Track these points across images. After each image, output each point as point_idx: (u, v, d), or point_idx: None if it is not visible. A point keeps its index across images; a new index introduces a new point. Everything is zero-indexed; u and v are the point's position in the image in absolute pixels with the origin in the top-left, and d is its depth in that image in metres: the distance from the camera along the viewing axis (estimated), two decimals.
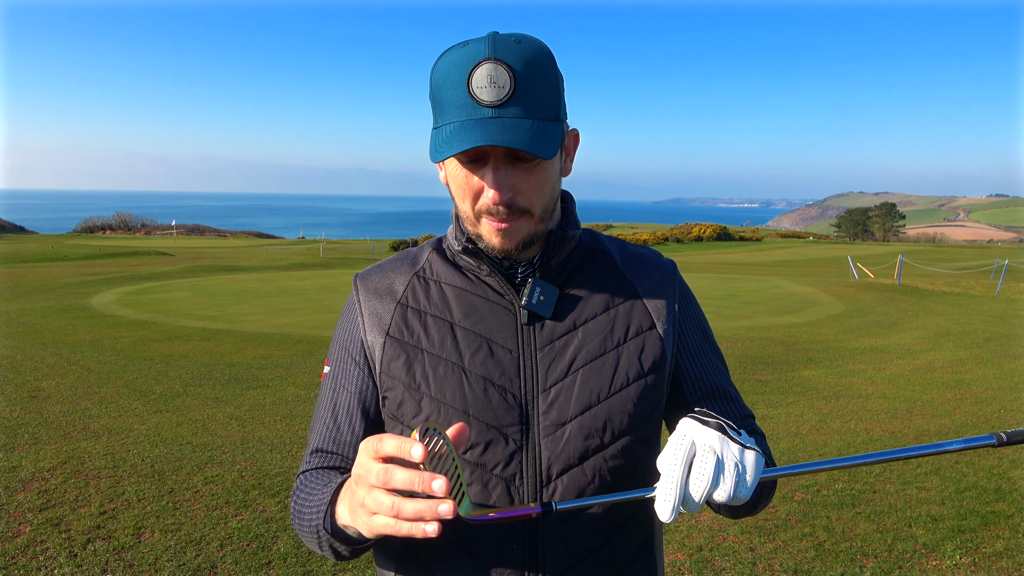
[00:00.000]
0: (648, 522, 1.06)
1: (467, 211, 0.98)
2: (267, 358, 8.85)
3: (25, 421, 5.76)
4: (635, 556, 1.03)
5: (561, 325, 1.03)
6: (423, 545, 1.00)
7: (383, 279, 1.10)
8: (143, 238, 51.28)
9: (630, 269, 1.10)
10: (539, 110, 0.91)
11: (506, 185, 0.93)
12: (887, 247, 50.85)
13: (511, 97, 0.89)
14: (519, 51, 0.90)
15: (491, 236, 0.98)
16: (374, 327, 1.05)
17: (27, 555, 3.38)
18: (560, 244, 1.04)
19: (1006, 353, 9.35)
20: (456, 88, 0.90)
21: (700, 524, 3.81)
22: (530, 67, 0.90)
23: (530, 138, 0.89)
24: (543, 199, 0.97)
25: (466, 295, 1.05)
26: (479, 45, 0.90)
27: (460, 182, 0.96)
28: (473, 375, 1.00)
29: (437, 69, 0.93)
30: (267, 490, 4.25)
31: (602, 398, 1.00)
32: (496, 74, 0.88)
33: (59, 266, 25.33)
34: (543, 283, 1.03)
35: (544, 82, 0.92)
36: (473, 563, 0.98)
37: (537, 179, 0.95)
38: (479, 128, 0.89)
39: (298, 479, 1.06)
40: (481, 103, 0.89)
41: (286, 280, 19.93)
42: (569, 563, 0.98)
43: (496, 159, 0.92)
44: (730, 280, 20.42)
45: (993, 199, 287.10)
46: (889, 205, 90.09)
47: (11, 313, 12.81)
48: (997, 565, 3.39)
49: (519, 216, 0.96)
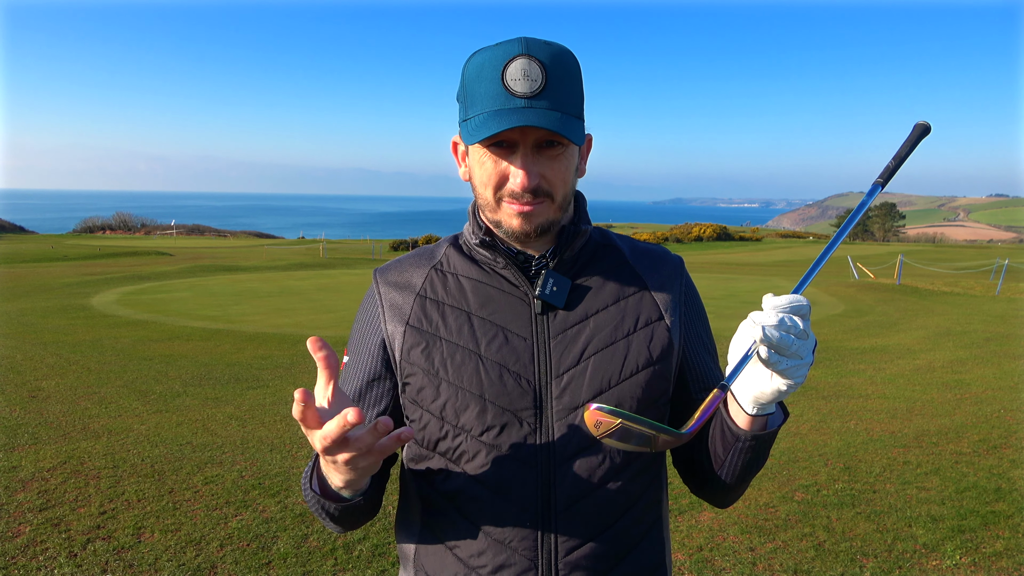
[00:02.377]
0: (657, 504, 1.10)
1: (488, 197, 1.03)
2: (267, 358, 8.85)
3: (25, 421, 5.76)
4: (644, 535, 1.07)
5: (573, 315, 1.07)
6: (443, 523, 1.06)
7: (402, 272, 1.15)
8: (143, 238, 51.29)
9: (639, 263, 1.15)
10: (566, 105, 0.98)
11: (533, 171, 0.99)
12: (887, 247, 50.85)
13: (543, 90, 0.96)
14: (550, 51, 0.97)
15: (511, 219, 1.03)
16: (394, 317, 1.10)
17: (27, 555, 3.38)
18: (572, 238, 1.09)
19: (1006, 353, 9.35)
20: (490, 81, 0.97)
21: (700, 524, 3.81)
22: (560, 65, 0.98)
23: (561, 125, 0.96)
24: (564, 186, 1.03)
25: (482, 286, 1.10)
26: (512, 44, 0.97)
27: (487, 168, 1.01)
28: (489, 361, 1.04)
29: (470, 65, 1.00)
30: (267, 490, 4.25)
31: (613, 384, 1.04)
32: (530, 68, 0.95)
33: (59, 266, 25.34)
34: (556, 275, 1.07)
35: (571, 80, 1.00)
36: (487, 539, 1.03)
37: (561, 167, 1.01)
38: (514, 115, 0.95)
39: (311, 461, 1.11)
40: (515, 94, 0.95)
41: (286, 280, 19.92)
42: (580, 540, 1.02)
43: (525, 146, 0.99)
44: (730, 280, 20.41)
45: (993, 199, 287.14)
46: (889, 205, 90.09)
47: (11, 313, 12.81)
48: (997, 565, 3.39)
49: (541, 200, 1.02)
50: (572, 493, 1.02)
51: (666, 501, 1.15)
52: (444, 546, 1.06)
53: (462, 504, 1.04)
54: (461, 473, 1.04)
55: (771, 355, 0.85)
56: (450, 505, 1.05)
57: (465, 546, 1.04)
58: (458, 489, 1.04)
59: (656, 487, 1.10)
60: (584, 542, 1.02)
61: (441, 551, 1.06)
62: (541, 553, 1.01)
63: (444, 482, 1.05)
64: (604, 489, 1.03)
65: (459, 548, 1.04)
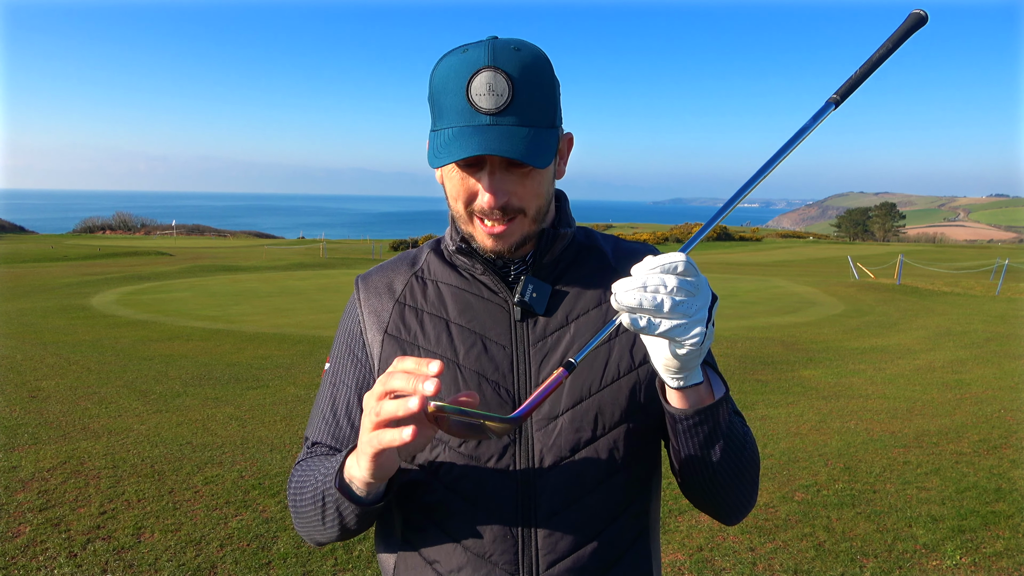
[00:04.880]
0: (644, 514, 1.07)
1: (460, 211, 1.01)
2: (267, 358, 8.85)
3: (25, 421, 5.75)
4: (630, 547, 1.05)
5: (554, 321, 1.05)
6: (422, 537, 1.03)
7: (383, 279, 1.13)
8: (143, 238, 51.29)
9: (622, 264, 1.10)
10: (535, 118, 0.94)
11: (501, 190, 0.96)
12: (887, 247, 50.85)
13: (509, 105, 0.91)
14: (518, 59, 0.92)
15: (484, 239, 1.01)
16: (373, 325, 1.08)
17: (27, 555, 3.38)
18: (552, 242, 1.06)
19: (1006, 353, 9.35)
20: (455, 94, 0.92)
21: (700, 524, 3.81)
22: (528, 75, 0.93)
23: (526, 147, 0.91)
24: (537, 201, 1.00)
25: (461, 293, 1.08)
26: (479, 51, 0.92)
27: (456, 184, 0.99)
28: (467, 370, 1.02)
29: (437, 73, 0.95)
30: (267, 490, 4.24)
31: (593, 391, 1.01)
32: (495, 82, 0.91)
33: (59, 266, 25.34)
34: (535, 280, 1.05)
35: (541, 90, 0.95)
36: (467, 553, 1.00)
37: (532, 183, 0.98)
38: (477, 135, 0.91)
39: (297, 466, 1.07)
40: (479, 110, 0.91)
41: (286, 280, 19.93)
42: (563, 552, 1.00)
43: (492, 165, 0.95)
44: (730, 280, 20.41)
45: (993, 199, 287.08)
46: (889, 205, 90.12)
47: (11, 313, 12.81)
48: (997, 565, 3.39)
49: (513, 218, 0.99)
50: (553, 504, 0.99)
51: (656, 512, 1.12)
52: (424, 560, 1.03)
53: (441, 518, 1.02)
54: (439, 486, 1.01)
55: (635, 321, 0.79)
56: (429, 519, 1.03)
57: (445, 561, 1.01)
58: (437, 502, 1.01)
59: (643, 497, 1.07)
60: (567, 554, 0.99)
61: (421, 565, 1.03)
62: (522, 566, 0.99)
63: (423, 495, 1.02)
64: (586, 499, 1.00)
65: (439, 563, 1.02)
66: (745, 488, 1.03)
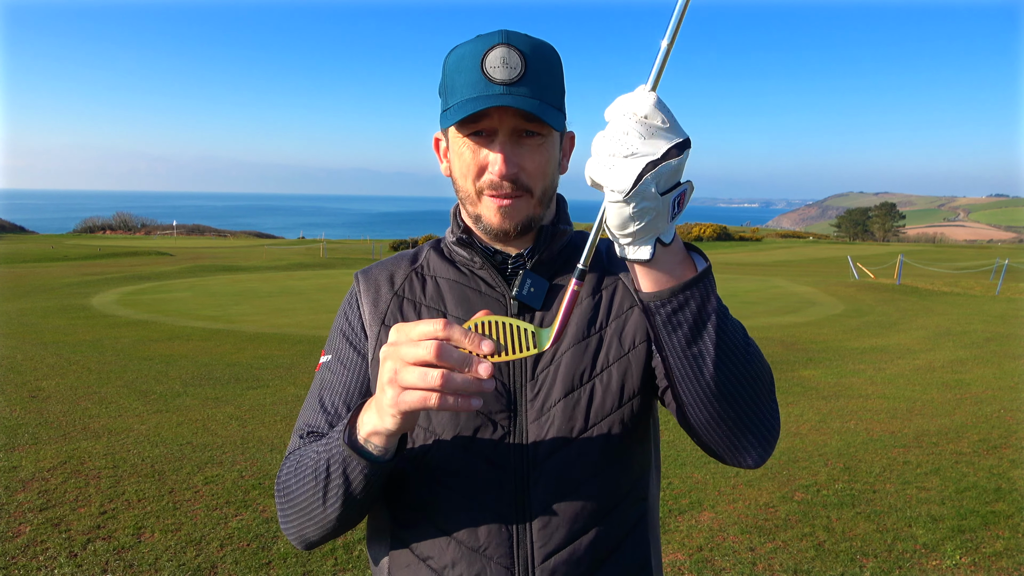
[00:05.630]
0: (642, 500, 1.07)
1: (468, 189, 1.02)
2: (267, 358, 8.85)
3: (25, 421, 5.76)
4: (627, 536, 1.04)
5: (550, 315, 1.06)
6: (414, 534, 1.03)
7: (383, 273, 1.15)
8: (143, 238, 51.27)
9: (614, 261, 1.12)
10: (546, 94, 0.97)
11: (512, 159, 0.98)
12: (887, 247, 50.84)
13: (522, 77, 0.95)
14: (530, 42, 0.97)
15: (492, 214, 1.02)
16: (372, 317, 1.10)
17: (27, 555, 3.38)
18: (551, 239, 1.08)
19: (1006, 353, 9.36)
20: (469, 70, 0.96)
21: (700, 524, 3.81)
22: (540, 55, 0.98)
23: (539, 110, 0.95)
24: (544, 180, 1.02)
25: (459, 287, 1.09)
26: (492, 35, 0.97)
27: (466, 158, 1.00)
28: None
29: (451, 58, 1.00)
30: (267, 490, 4.24)
31: (584, 380, 1.02)
32: (509, 57, 0.95)
33: (59, 266, 25.34)
34: (533, 275, 1.05)
35: (551, 72, 0.99)
36: (461, 548, 1.00)
37: (541, 158, 1.00)
38: (492, 99, 0.94)
39: (288, 456, 1.03)
40: (494, 80, 0.95)
41: (286, 280, 19.93)
42: (558, 544, 0.99)
43: (503, 133, 0.98)
44: (730, 280, 20.41)
45: (993, 199, 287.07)
46: (889, 205, 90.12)
47: (11, 313, 12.81)
48: (997, 565, 3.39)
49: (520, 194, 1.00)
50: (547, 496, 0.99)
51: (655, 498, 1.11)
52: (417, 557, 1.02)
53: (433, 513, 1.01)
54: (432, 480, 1.01)
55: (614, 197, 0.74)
56: (420, 514, 1.02)
57: (439, 556, 1.00)
58: (429, 496, 1.01)
59: (642, 484, 1.06)
60: (562, 546, 0.99)
61: (414, 563, 1.02)
62: (517, 560, 0.98)
63: (414, 490, 1.02)
64: (581, 490, 1.00)
65: (432, 559, 1.01)
66: (758, 402, 0.90)
